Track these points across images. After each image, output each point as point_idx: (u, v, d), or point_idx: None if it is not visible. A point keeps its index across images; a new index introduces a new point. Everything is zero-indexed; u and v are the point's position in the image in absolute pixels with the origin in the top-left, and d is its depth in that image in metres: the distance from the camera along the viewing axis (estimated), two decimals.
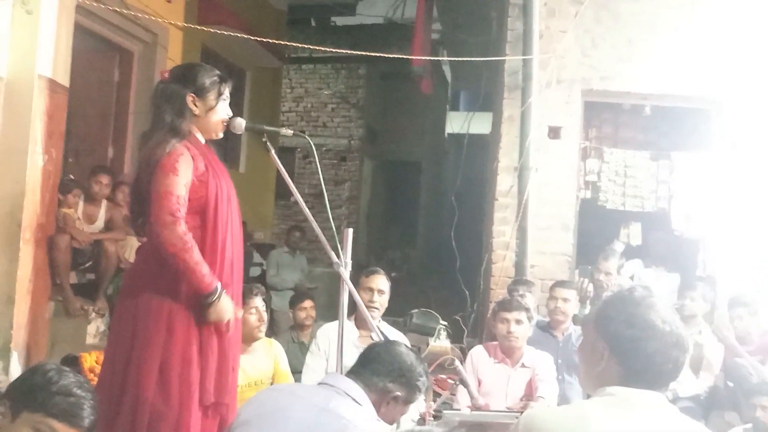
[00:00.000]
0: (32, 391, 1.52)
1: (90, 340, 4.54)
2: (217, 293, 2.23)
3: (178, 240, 2.19)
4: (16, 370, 3.77)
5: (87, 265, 4.74)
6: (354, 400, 1.81)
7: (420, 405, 3.14)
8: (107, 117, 5.86)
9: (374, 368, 1.90)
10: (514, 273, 5.00)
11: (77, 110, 5.56)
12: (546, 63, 5.05)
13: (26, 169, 3.93)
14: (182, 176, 2.24)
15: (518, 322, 3.43)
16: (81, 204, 4.76)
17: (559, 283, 4.16)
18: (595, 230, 5.59)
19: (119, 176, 5.39)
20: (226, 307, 2.26)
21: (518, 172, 5.03)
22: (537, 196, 5.03)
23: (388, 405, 1.90)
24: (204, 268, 2.22)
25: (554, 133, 5.09)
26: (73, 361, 3.27)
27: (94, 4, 4.53)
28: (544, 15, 5.13)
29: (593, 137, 5.48)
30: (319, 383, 1.92)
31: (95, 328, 4.63)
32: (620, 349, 1.40)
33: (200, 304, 2.24)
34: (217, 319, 2.26)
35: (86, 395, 1.54)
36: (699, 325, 4.24)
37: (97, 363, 3.20)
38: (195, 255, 2.20)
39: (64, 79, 4.19)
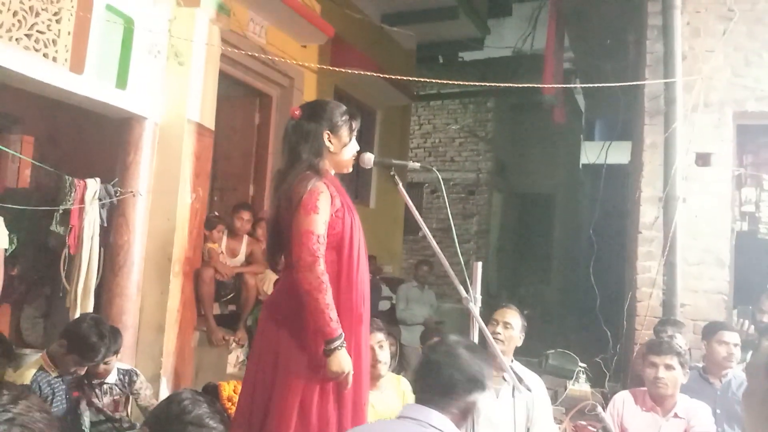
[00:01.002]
0: (168, 421, 1.56)
1: (230, 369, 4.75)
2: (341, 341, 2.22)
3: (315, 279, 2.21)
4: (165, 395, 4.00)
5: (229, 297, 4.98)
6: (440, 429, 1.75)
7: None
8: (249, 157, 6.23)
9: (454, 395, 1.82)
10: (661, 312, 4.60)
11: (222, 151, 5.96)
12: (691, 86, 4.69)
13: (176, 207, 4.24)
14: (322, 214, 2.27)
15: (668, 367, 3.11)
16: (224, 239, 5.04)
17: (721, 325, 3.74)
18: (754, 266, 5.03)
19: (259, 213, 5.67)
20: (346, 358, 2.23)
21: (663, 203, 4.66)
22: (686, 228, 4.63)
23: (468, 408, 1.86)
24: (332, 314, 2.21)
25: (703, 160, 4.69)
26: (213, 390, 3.41)
27: (236, 51, 4.86)
28: (687, 35, 4.80)
29: (749, 164, 4.98)
30: (400, 416, 1.85)
31: (235, 357, 4.84)
32: None
33: (323, 351, 2.23)
34: (338, 369, 2.22)
35: (217, 427, 1.57)
36: None
37: (234, 392, 3.31)
38: (327, 297, 2.21)
39: (210, 123, 4.52)
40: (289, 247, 2.34)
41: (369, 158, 2.44)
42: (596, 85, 5.14)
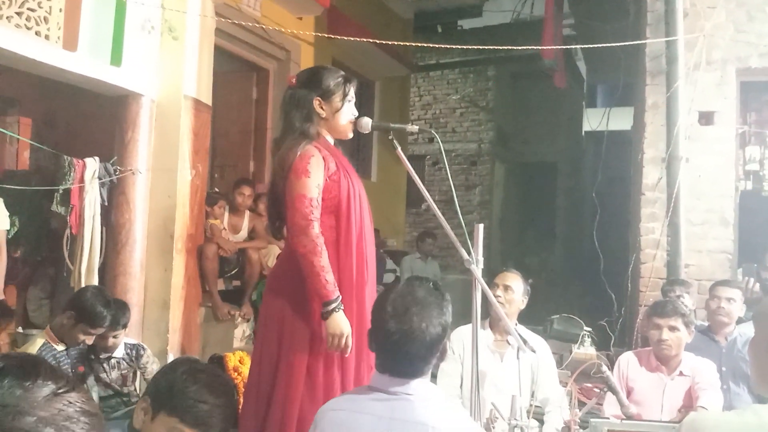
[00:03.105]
0: (169, 393, 1.51)
1: (237, 343, 4.78)
2: (337, 303, 2.22)
3: (309, 242, 2.21)
4: None
5: (233, 272, 5.00)
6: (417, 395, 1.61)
7: (564, 413, 2.95)
8: (248, 133, 6.20)
9: (427, 362, 1.63)
10: (666, 273, 4.59)
11: (220, 128, 5.93)
12: (693, 43, 4.62)
13: (176, 184, 4.23)
14: (314, 178, 2.27)
15: (672, 329, 3.10)
16: (226, 215, 5.04)
17: (721, 282, 3.74)
18: (758, 225, 5.01)
19: (260, 188, 5.65)
20: (344, 320, 2.23)
21: (666, 164, 4.62)
22: (689, 188, 4.59)
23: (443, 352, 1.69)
24: (328, 276, 2.22)
25: (706, 118, 4.63)
26: (218, 361, 3.43)
27: (230, 22, 4.80)
28: None
29: (753, 121, 4.92)
30: (373, 387, 1.66)
31: (242, 332, 4.87)
32: None
33: (321, 313, 2.24)
34: (336, 331, 2.22)
35: (219, 401, 1.50)
36: None
37: (240, 363, 3.34)
38: (323, 260, 2.22)
39: (207, 99, 4.48)
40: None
41: (366, 123, 2.42)
42: (597, 45, 5.06)
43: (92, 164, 4.04)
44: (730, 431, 1.16)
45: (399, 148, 2.40)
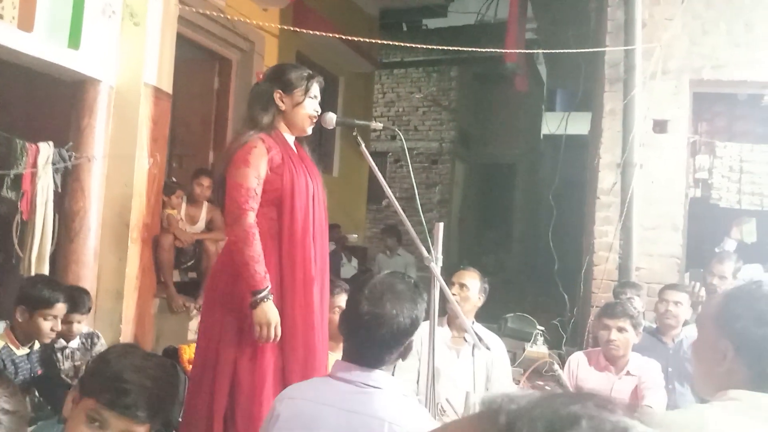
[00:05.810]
0: (91, 375, 1.41)
1: (191, 336, 4.71)
2: (266, 293, 2.24)
3: (241, 231, 2.24)
4: None
5: (189, 264, 4.93)
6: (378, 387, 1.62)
7: None
8: (208, 123, 6.11)
9: (392, 350, 1.66)
10: (617, 276, 4.72)
11: (180, 117, 5.82)
12: (650, 53, 4.76)
13: (134, 172, 4.14)
14: (254, 168, 2.28)
15: (621, 330, 3.21)
16: (184, 205, 4.95)
17: (670, 286, 3.88)
18: (706, 231, 5.20)
19: None
20: (272, 310, 2.25)
21: (621, 169, 4.75)
22: (642, 194, 4.73)
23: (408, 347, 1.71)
24: (258, 267, 2.23)
25: (660, 126, 4.78)
26: (173, 353, 3.39)
27: (194, 11, 4.72)
28: (648, 2, 4.86)
29: (704, 131, 5.10)
30: (334, 376, 1.66)
31: (196, 324, 4.80)
32: (748, 349, 1.25)
33: (249, 303, 2.26)
34: (263, 320, 2.24)
35: (144, 382, 1.35)
36: None
37: None
38: (253, 250, 2.23)
39: (168, 87, 4.40)
40: None
41: (331, 118, 2.42)
42: (558, 51, 5.17)
43: (46, 149, 3.92)
44: (672, 429, 1.22)
45: (363, 145, 2.42)
